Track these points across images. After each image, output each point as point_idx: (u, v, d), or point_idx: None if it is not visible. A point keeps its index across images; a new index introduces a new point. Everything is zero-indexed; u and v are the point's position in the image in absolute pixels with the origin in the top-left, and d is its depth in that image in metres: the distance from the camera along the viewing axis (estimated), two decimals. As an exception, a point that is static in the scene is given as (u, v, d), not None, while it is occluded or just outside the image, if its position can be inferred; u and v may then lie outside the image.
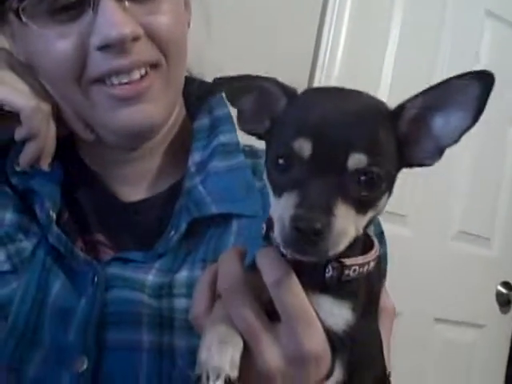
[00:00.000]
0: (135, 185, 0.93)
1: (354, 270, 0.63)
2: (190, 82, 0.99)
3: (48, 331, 0.82)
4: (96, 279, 0.83)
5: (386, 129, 0.60)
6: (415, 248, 2.37)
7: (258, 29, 1.97)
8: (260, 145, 0.91)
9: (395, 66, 2.31)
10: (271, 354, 0.62)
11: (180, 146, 0.95)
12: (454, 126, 0.61)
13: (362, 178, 0.58)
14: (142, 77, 0.83)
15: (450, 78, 0.60)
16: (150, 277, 0.83)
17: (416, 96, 0.61)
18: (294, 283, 0.62)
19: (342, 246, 0.58)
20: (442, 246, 2.45)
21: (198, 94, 0.97)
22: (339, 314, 0.63)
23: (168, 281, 0.83)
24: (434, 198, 2.41)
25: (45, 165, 0.87)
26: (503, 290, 2.60)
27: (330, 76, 2.17)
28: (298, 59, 2.07)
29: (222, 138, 0.92)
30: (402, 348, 2.30)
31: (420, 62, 2.37)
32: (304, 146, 0.58)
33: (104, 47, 0.80)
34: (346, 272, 0.63)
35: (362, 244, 0.65)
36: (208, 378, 0.59)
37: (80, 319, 0.82)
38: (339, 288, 0.63)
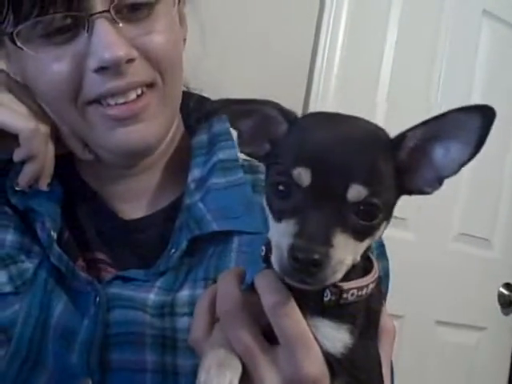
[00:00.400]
0: (135, 202, 0.93)
1: (353, 294, 0.63)
2: (188, 97, 0.98)
3: (52, 353, 0.82)
4: (98, 299, 0.83)
5: (386, 158, 0.60)
6: (416, 251, 2.36)
7: (254, 35, 1.97)
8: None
9: (393, 66, 2.31)
10: (270, 378, 0.62)
11: (179, 161, 0.94)
12: (454, 158, 0.61)
13: (361, 208, 0.58)
14: (138, 96, 0.83)
15: (451, 111, 0.60)
16: (152, 296, 0.83)
17: (417, 126, 0.61)
18: (292, 307, 0.61)
19: (339, 274, 0.58)
20: (443, 248, 2.45)
21: (197, 116, 0.97)
22: (337, 337, 0.62)
23: (170, 299, 0.82)
24: (434, 200, 2.38)
25: (44, 185, 0.87)
26: (505, 292, 2.59)
27: (328, 79, 2.16)
28: (295, 63, 2.06)
29: (221, 155, 0.91)
30: (404, 351, 2.29)
31: (418, 63, 2.36)
32: (303, 175, 0.58)
33: (99, 69, 0.79)
34: (345, 296, 0.62)
35: (362, 266, 0.65)
36: None
37: (83, 340, 0.81)
38: (338, 311, 0.63)
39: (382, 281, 0.93)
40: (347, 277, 0.61)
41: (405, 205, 2.24)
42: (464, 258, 2.49)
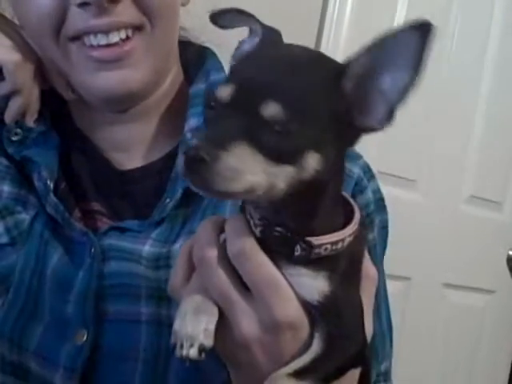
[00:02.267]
0: (130, 151, 0.91)
1: (326, 249, 0.62)
2: (189, 47, 0.97)
3: (48, 303, 0.82)
4: (93, 250, 0.83)
5: (325, 84, 0.59)
6: (425, 213, 2.35)
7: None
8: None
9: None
10: (246, 323, 0.62)
11: (176, 111, 0.92)
12: (400, 82, 0.58)
13: (277, 128, 0.56)
14: (122, 40, 0.81)
15: (391, 32, 0.57)
16: (147, 247, 0.82)
17: (360, 53, 0.59)
18: (256, 252, 0.61)
19: (235, 184, 0.55)
20: (453, 210, 2.43)
21: (195, 61, 0.95)
22: (314, 285, 0.62)
23: (165, 251, 0.82)
24: (444, 162, 2.37)
25: (30, 121, 0.86)
26: (514, 255, 2.58)
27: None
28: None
29: None
30: (411, 313, 2.30)
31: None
32: (224, 91, 0.58)
33: (82, 4, 0.78)
34: (316, 251, 0.61)
35: (342, 216, 0.64)
36: (182, 347, 0.60)
37: (78, 291, 0.82)
38: (313, 261, 0.62)
39: (380, 232, 0.93)
40: (322, 228, 0.61)
41: (414, 166, 2.26)
42: (474, 220, 2.47)
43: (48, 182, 0.85)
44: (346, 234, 0.63)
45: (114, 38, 0.80)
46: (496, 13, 2.45)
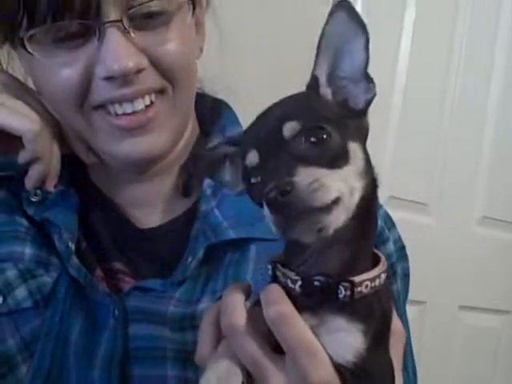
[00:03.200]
0: (149, 208, 0.92)
1: (366, 286, 0.63)
2: (203, 99, 0.97)
3: (73, 369, 0.82)
4: (116, 312, 0.83)
5: (310, 97, 0.64)
6: (438, 236, 2.34)
7: (267, 37, 1.93)
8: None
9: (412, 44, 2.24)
10: None
11: None
12: (357, 53, 0.63)
13: (308, 138, 0.59)
14: (146, 106, 0.81)
15: (323, 28, 0.63)
16: (171, 308, 0.82)
17: (316, 61, 0.64)
18: (295, 317, 0.61)
19: (325, 194, 0.57)
20: (466, 232, 2.42)
21: (210, 114, 0.96)
22: (348, 341, 0.62)
23: (190, 312, 0.82)
24: (455, 184, 2.37)
25: (50, 186, 0.87)
26: (529, 274, 2.56)
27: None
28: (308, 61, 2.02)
29: None
30: (427, 337, 2.28)
31: (437, 39, 2.30)
32: (251, 157, 0.62)
33: (107, 78, 0.79)
34: (359, 289, 0.62)
35: (370, 260, 0.65)
36: None
37: (103, 356, 0.81)
38: (352, 308, 0.62)
39: (403, 281, 0.94)
40: (357, 270, 0.62)
41: (425, 190, 2.24)
42: (486, 241, 2.46)
43: (70, 244, 0.85)
44: (381, 270, 0.64)
45: (139, 105, 0.81)
46: (502, 28, 2.45)
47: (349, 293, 0.61)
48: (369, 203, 0.63)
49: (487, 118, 2.44)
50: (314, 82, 0.65)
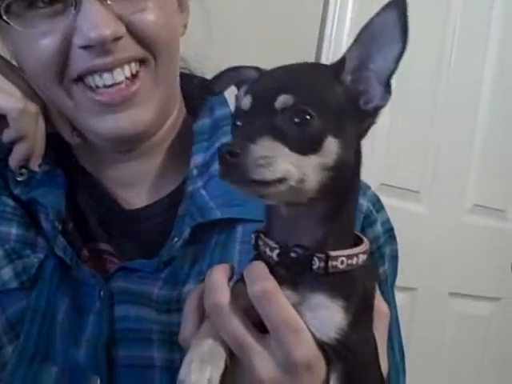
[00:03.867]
0: (135, 188, 0.91)
1: (342, 262, 0.63)
2: (190, 80, 0.96)
3: (60, 349, 0.82)
4: (102, 293, 0.82)
5: (325, 78, 0.64)
6: (429, 224, 2.35)
7: (260, 21, 1.93)
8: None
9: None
10: (263, 365, 0.62)
11: (181, 146, 0.92)
12: (390, 58, 0.63)
13: (293, 117, 0.60)
14: (128, 79, 0.80)
15: (369, 20, 0.63)
16: (156, 290, 0.82)
17: (350, 47, 0.64)
18: (276, 293, 0.62)
19: (270, 172, 0.59)
20: (457, 220, 2.43)
21: (198, 94, 0.95)
22: (330, 318, 0.62)
23: (176, 294, 0.81)
24: (447, 172, 2.38)
25: (35, 165, 0.86)
26: (519, 262, 2.58)
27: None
28: (302, 49, 2.03)
29: (224, 140, 0.88)
30: (418, 323, 2.30)
31: (429, 39, 2.31)
32: (245, 101, 0.63)
33: (85, 47, 0.78)
34: (334, 263, 0.63)
35: (352, 242, 0.66)
36: None
37: (89, 336, 0.81)
38: (330, 283, 0.63)
39: (391, 262, 0.94)
40: (336, 247, 0.63)
41: (417, 177, 2.26)
42: (478, 229, 2.47)
43: (56, 224, 0.85)
44: (360, 250, 0.65)
45: (120, 76, 0.80)
46: (495, 17, 2.45)
47: (323, 264, 0.63)
48: (340, 189, 0.64)
49: (480, 106, 2.45)
50: (340, 63, 0.65)
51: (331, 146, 0.61)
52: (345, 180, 0.64)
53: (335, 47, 2.10)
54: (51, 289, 0.84)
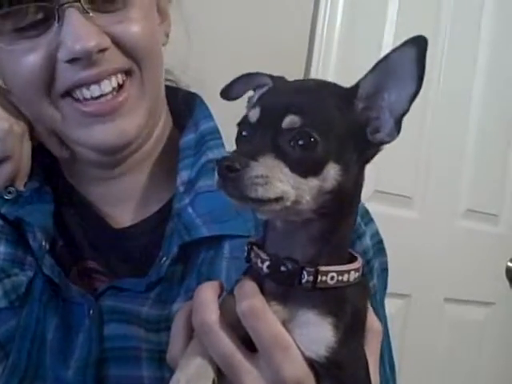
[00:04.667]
0: (123, 206, 0.91)
1: (332, 278, 0.63)
2: (177, 93, 0.96)
3: (49, 369, 0.81)
4: (91, 312, 0.82)
5: (338, 103, 0.63)
6: (422, 229, 2.35)
7: (250, 23, 1.93)
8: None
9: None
10: (252, 383, 0.61)
11: (168, 162, 0.92)
12: (404, 95, 0.63)
13: (298, 139, 0.60)
14: (114, 90, 0.81)
15: (390, 52, 0.63)
16: (146, 308, 0.81)
17: (367, 74, 0.64)
18: (264, 310, 0.61)
19: (267, 191, 0.59)
20: (450, 225, 2.43)
21: (184, 108, 0.95)
22: (319, 336, 0.62)
23: (165, 313, 0.81)
24: (439, 178, 2.38)
25: (20, 185, 0.86)
26: (513, 266, 2.57)
27: (326, 66, 2.11)
28: (293, 53, 2.03)
29: (210, 155, 0.89)
30: (412, 330, 2.29)
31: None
32: (253, 113, 0.63)
33: (71, 60, 0.78)
34: (323, 278, 0.63)
35: (347, 261, 0.66)
36: None
37: (79, 356, 0.81)
38: (320, 299, 0.63)
39: (381, 275, 0.93)
40: (327, 263, 0.63)
41: (410, 184, 2.24)
42: (471, 234, 2.47)
43: (43, 244, 0.84)
44: (352, 267, 0.64)
45: (107, 87, 0.80)
46: (485, 23, 2.45)
47: (311, 278, 0.62)
48: (337, 211, 0.64)
49: (471, 112, 2.45)
50: (353, 89, 0.65)
51: (332, 172, 0.61)
52: (343, 203, 0.64)
53: (325, 57, 2.10)
54: (40, 308, 0.83)
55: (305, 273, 0.62)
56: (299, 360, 0.61)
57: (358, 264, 0.66)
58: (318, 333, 0.62)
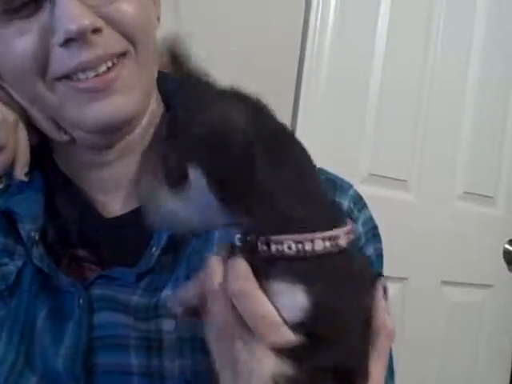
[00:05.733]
0: (114, 193, 0.89)
1: (289, 247, 0.59)
2: (168, 77, 0.94)
3: (39, 358, 0.81)
4: (81, 301, 0.81)
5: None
6: (418, 212, 2.34)
7: (243, 15, 1.91)
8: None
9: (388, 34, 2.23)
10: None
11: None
12: None
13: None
14: (108, 68, 0.79)
15: None
16: (135, 297, 0.81)
17: None
18: (256, 293, 0.60)
19: None
20: (447, 207, 2.42)
21: (173, 92, 0.93)
22: (292, 302, 0.59)
23: (154, 301, 0.80)
24: (435, 160, 2.37)
25: (20, 174, 0.84)
26: (510, 248, 2.57)
27: (320, 57, 2.10)
28: (286, 37, 2.01)
29: None
30: (410, 313, 2.29)
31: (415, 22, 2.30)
32: None
33: (66, 42, 0.77)
34: (279, 247, 0.59)
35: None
36: None
37: (68, 346, 0.80)
38: (292, 273, 0.60)
39: (376, 261, 0.92)
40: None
41: (404, 167, 2.26)
42: (468, 216, 2.47)
43: (32, 234, 0.83)
44: (317, 236, 0.59)
45: (102, 68, 0.79)
46: (479, 11, 2.45)
47: (265, 248, 0.59)
48: None
49: (466, 94, 2.44)
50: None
51: None
52: None
53: (318, 49, 2.08)
54: (30, 297, 0.82)
55: (259, 243, 0.60)
56: (291, 338, 0.59)
57: (330, 233, 0.60)
58: (290, 300, 0.59)
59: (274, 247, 0.60)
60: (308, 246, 0.59)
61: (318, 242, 0.60)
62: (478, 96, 2.45)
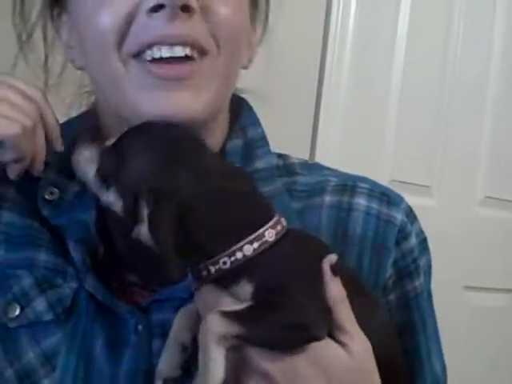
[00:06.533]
0: None
1: (225, 263, 0.66)
2: (240, 105, 0.92)
3: None
4: (140, 328, 0.79)
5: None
6: (441, 217, 2.33)
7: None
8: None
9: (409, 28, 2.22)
10: None
11: None
12: None
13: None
14: (186, 57, 0.76)
15: None
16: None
17: None
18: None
19: None
20: (468, 212, 2.41)
21: (230, 109, 0.90)
22: (242, 294, 0.66)
23: None
24: (457, 165, 2.36)
25: (38, 172, 0.82)
26: (532, 253, 2.55)
27: (343, 43, 2.10)
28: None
29: (258, 164, 0.86)
30: (433, 319, 2.28)
31: (434, 27, 2.29)
32: None
33: (154, 9, 0.74)
34: (216, 267, 0.67)
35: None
36: None
37: (126, 373, 0.78)
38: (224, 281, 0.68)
39: (427, 272, 0.97)
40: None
41: (427, 172, 2.24)
42: (489, 221, 2.46)
43: (86, 261, 0.81)
44: (243, 243, 0.66)
45: (178, 51, 0.75)
46: (499, 12, 2.43)
47: (205, 272, 0.67)
48: None
49: (487, 98, 2.43)
50: None
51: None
52: None
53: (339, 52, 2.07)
54: (87, 322, 0.80)
55: (201, 269, 0.67)
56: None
57: (253, 235, 0.66)
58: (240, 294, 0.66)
59: (212, 269, 0.66)
60: (239, 255, 0.65)
61: (247, 247, 0.65)
62: (499, 99, 2.44)
